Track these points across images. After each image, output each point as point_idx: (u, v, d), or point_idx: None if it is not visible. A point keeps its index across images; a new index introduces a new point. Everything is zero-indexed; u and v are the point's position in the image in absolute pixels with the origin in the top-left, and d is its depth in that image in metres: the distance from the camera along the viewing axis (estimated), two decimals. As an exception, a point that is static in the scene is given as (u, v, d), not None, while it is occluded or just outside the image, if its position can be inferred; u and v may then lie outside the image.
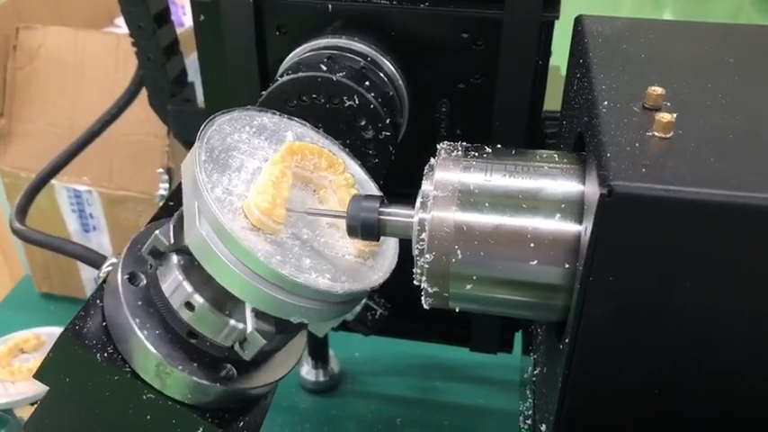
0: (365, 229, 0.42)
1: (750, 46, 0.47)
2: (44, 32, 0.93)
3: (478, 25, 0.55)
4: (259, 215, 0.40)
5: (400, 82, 0.56)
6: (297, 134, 0.48)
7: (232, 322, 0.43)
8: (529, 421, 0.50)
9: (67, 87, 0.93)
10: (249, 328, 0.41)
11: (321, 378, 0.88)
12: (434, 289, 0.41)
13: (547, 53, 0.56)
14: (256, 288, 0.39)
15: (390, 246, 0.46)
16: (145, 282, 0.45)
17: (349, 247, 0.44)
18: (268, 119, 0.48)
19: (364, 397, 0.87)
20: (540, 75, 0.56)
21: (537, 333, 0.52)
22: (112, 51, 0.91)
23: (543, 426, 0.42)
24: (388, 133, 0.51)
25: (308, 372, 0.88)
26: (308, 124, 0.49)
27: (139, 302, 0.44)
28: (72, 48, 0.92)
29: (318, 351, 0.87)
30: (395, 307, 0.67)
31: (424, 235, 0.39)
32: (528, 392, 0.52)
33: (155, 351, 0.42)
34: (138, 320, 0.43)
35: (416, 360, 0.91)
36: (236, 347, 0.43)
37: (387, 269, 0.45)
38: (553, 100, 0.58)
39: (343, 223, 0.43)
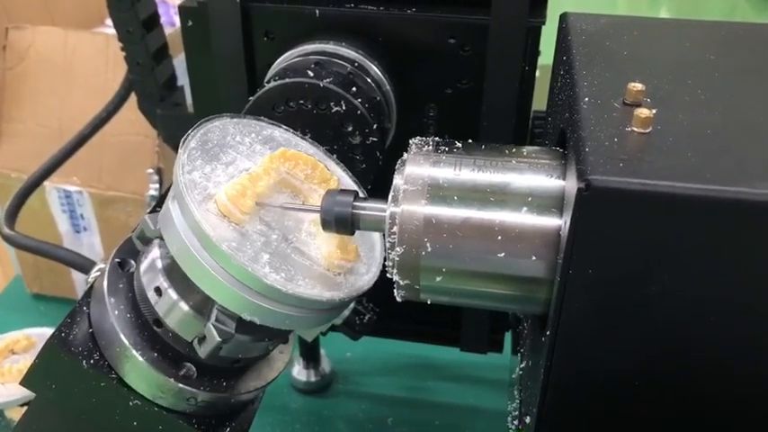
0: (339, 223, 0.42)
1: (731, 43, 0.48)
2: (34, 32, 0.93)
3: (465, 31, 0.55)
4: (225, 201, 0.40)
5: (388, 87, 0.56)
6: (307, 154, 0.47)
7: (193, 314, 0.43)
8: (516, 421, 0.51)
9: (57, 87, 0.92)
10: (208, 323, 0.41)
11: (312, 378, 0.88)
12: (405, 281, 0.41)
13: (534, 58, 0.56)
14: (204, 268, 0.39)
15: (371, 270, 0.45)
16: (134, 268, 0.46)
17: (320, 259, 0.44)
18: (279, 133, 0.48)
19: (355, 397, 0.87)
20: (527, 79, 0.56)
21: (524, 328, 0.53)
22: (102, 51, 0.90)
23: (528, 418, 0.43)
24: (375, 139, 0.51)
25: (299, 372, 0.88)
26: (320, 147, 0.49)
27: (121, 285, 0.45)
28: (62, 48, 0.92)
29: (309, 351, 0.88)
30: (385, 308, 0.68)
31: (394, 228, 0.40)
32: (515, 392, 0.52)
33: (119, 332, 0.43)
34: (113, 300, 0.44)
35: (407, 360, 0.92)
36: (195, 344, 0.43)
37: (357, 289, 0.44)
38: (546, 99, 0.58)
39: (320, 235, 0.43)
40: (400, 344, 0.77)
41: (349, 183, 0.49)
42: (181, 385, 0.43)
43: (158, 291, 0.43)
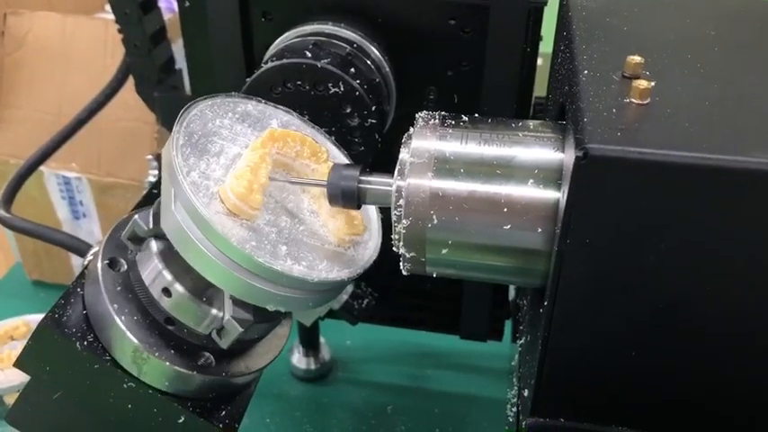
0: (345, 197, 0.42)
1: (731, 19, 0.48)
2: (32, 18, 0.92)
3: (466, 12, 0.54)
4: (234, 200, 0.40)
5: (387, 69, 0.56)
6: (282, 122, 0.47)
7: (209, 309, 0.43)
8: (515, 409, 0.50)
9: (55, 73, 0.92)
10: (226, 315, 0.41)
11: (312, 366, 0.88)
12: (411, 254, 0.42)
13: (535, 39, 0.55)
14: (230, 273, 0.39)
15: (373, 237, 0.46)
16: (125, 267, 0.45)
17: (329, 236, 0.43)
18: (252, 106, 0.47)
19: (355, 385, 0.87)
20: (528, 61, 0.56)
21: (524, 305, 0.53)
22: (101, 37, 0.90)
23: (526, 391, 0.43)
24: (373, 121, 0.51)
25: (298, 359, 0.88)
26: (293, 112, 0.49)
27: (118, 288, 0.44)
28: (60, 33, 0.91)
29: (309, 339, 0.87)
30: (385, 295, 0.67)
31: (401, 201, 0.40)
32: (514, 379, 0.52)
33: (131, 337, 0.42)
34: (116, 306, 0.43)
35: (407, 348, 0.91)
36: (214, 335, 0.43)
37: (367, 260, 0.44)
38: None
39: (323, 211, 0.43)
40: (400, 332, 0.76)
41: (336, 152, 0.49)
42: (203, 375, 0.43)
43: (167, 291, 0.43)
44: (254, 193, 0.40)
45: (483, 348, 0.75)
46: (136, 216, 0.43)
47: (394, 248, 0.42)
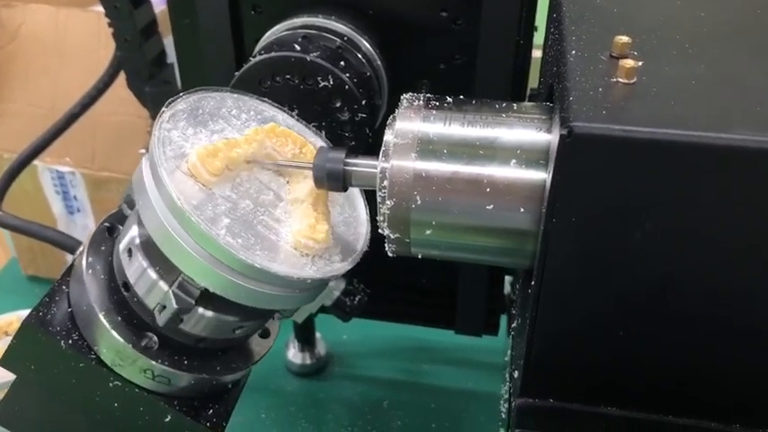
0: (331, 179, 0.42)
1: (721, 0, 0.47)
2: (24, 10, 0.91)
3: (457, 3, 0.53)
4: (194, 159, 0.39)
5: (379, 62, 0.55)
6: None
7: (158, 280, 0.41)
8: (507, 405, 0.50)
9: (49, 66, 0.91)
10: (170, 289, 0.40)
11: (307, 361, 0.87)
12: (396, 235, 0.42)
13: (529, 32, 0.54)
14: (161, 224, 0.38)
15: (347, 259, 0.44)
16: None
17: (289, 237, 0.42)
18: (282, 118, 0.47)
19: (351, 380, 0.87)
20: (522, 53, 0.55)
21: (516, 290, 0.53)
22: (95, 29, 0.89)
23: (516, 373, 0.43)
24: (364, 115, 0.50)
25: (294, 354, 0.88)
26: (321, 134, 0.49)
27: (103, 248, 0.45)
28: (53, 26, 0.91)
29: (305, 334, 0.87)
30: (379, 290, 0.67)
31: (385, 182, 0.40)
32: (506, 374, 0.52)
33: (88, 290, 0.42)
34: (90, 259, 0.43)
35: (403, 343, 0.91)
36: (156, 311, 0.42)
37: (324, 273, 0.42)
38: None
39: (295, 215, 0.42)
40: (396, 327, 0.76)
41: None
42: (138, 353, 0.42)
43: (129, 253, 0.43)
44: (217, 160, 0.40)
45: (480, 343, 0.75)
46: (133, 178, 0.43)
47: (379, 230, 0.42)
